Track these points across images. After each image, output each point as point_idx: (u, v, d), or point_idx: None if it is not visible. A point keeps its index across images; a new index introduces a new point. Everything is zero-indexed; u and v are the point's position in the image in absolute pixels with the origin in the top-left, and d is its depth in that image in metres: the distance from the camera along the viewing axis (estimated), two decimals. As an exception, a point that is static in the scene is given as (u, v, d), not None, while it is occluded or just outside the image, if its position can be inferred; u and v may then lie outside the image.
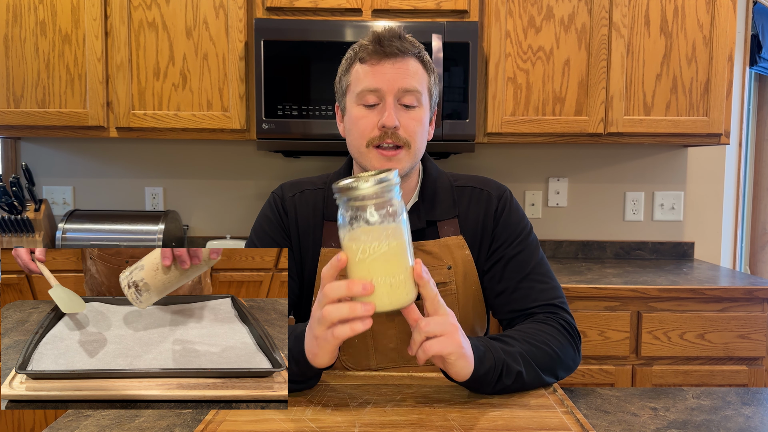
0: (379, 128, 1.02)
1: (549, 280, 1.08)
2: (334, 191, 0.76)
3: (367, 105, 1.04)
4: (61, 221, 2.26)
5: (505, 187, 1.16)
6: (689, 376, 1.88)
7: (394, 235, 0.76)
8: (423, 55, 1.07)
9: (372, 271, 0.75)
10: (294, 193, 1.15)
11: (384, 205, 0.75)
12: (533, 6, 2.10)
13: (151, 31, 2.09)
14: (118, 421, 0.82)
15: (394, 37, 1.03)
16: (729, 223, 2.63)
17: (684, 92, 2.13)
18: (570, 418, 0.81)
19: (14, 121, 2.10)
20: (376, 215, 0.75)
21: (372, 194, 0.74)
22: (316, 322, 0.79)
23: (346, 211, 0.76)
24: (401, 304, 0.77)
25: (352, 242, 0.75)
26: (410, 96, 1.03)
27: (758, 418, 0.86)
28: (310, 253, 1.12)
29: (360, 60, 1.05)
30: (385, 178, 0.75)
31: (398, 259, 0.76)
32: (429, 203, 1.11)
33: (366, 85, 1.03)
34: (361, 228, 0.75)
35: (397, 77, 1.02)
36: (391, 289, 0.76)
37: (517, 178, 2.50)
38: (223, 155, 2.49)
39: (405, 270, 0.77)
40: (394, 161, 1.03)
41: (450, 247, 1.09)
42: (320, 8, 2.09)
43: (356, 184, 0.74)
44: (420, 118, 1.05)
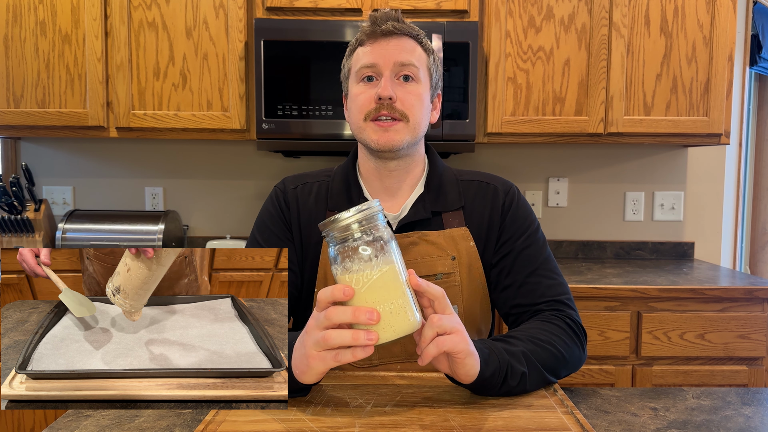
0: (375, 101, 1.03)
1: (556, 276, 1.08)
2: (321, 228, 0.77)
3: (365, 81, 1.05)
4: (61, 221, 2.26)
5: (511, 183, 1.16)
6: (689, 376, 1.88)
7: (385, 261, 0.75)
8: (421, 38, 1.08)
9: (368, 301, 0.74)
10: (296, 185, 1.15)
11: (370, 232, 0.76)
12: (533, 6, 2.10)
13: (151, 31, 2.09)
14: (118, 421, 0.81)
15: (389, 17, 1.05)
16: (729, 223, 2.63)
17: (684, 92, 2.13)
18: (570, 418, 0.81)
19: (14, 121, 2.10)
20: (363, 244, 0.75)
21: (355, 222, 0.75)
22: (313, 343, 0.77)
23: (334, 245, 0.76)
24: (404, 332, 0.76)
25: (344, 275, 0.75)
26: (407, 69, 1.04)
27: (758, 418, 0.86)
28: (312, 244, 1.11)
29: (360, 43, 1.07)
30: (367, 206, 0.76)
31: (393, 284, 0.76)
32: (434, 194, 1.12)
33: (363, 62, 1.05)
34: (350, 259, 0.75)
35: (393, 52, 1.04)
36: (392, 316, 0.75)
37: (517, 178, 2.50)
38: (223, 155, 2.49)
39: (402, 295, 0.76)
40: (391, 132, 1.03)
41: (455, 238, 1.09)
42: (320, 8, 2.09)
43: (339, 216, 0.75)
44: (418, 92, 1.06)
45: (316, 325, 0.77)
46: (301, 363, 0.80)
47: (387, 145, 1.03)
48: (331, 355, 0.76)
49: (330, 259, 0.78)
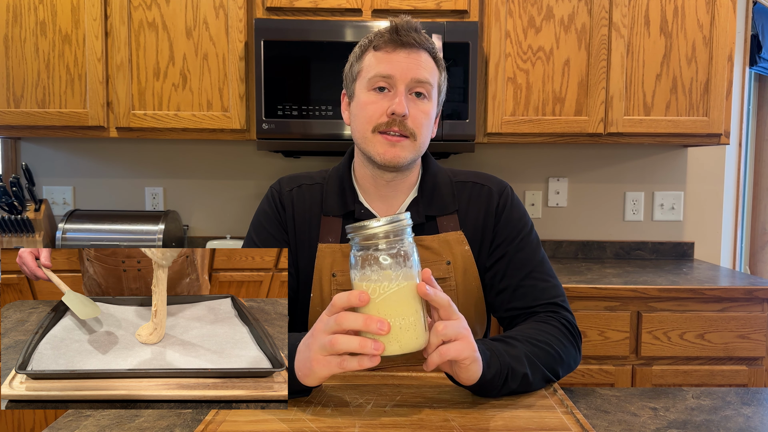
0: (387, 115, 1.02)
1: (550, 278, 1.08)
2: (347, 231, 0.77)
3: (377, 91, 1.04)
4: (61, 221, 2.26)
5: (505, 183, 1.16)
6: (689, 376, 1.88)
7: (405, 276, 0.76)
8: (436, 52, 1.07)
9: (381, 312, 0.75)
10: (291, 187, 1.15)
11: (395, 245, 0.76)
12: (533, 6, 2.10)
13: (151, 31, 2.09)
14: (118, 421, 0.81)
15: (411, 29, 1.03)
16: (729, 223, 2.63)
17: (684, 92, 2.13)
18: (570, 418, 0.81)
19: (14, 121, 2.10)
20: (387, 255, 0.76)
21: (383, 234, 0.75)
22: (319, 347, 0.76)
23: (357, 250, 0.77)
24: (410, 349, 0.76)
25: (362, 282, 0.76)
26: (421, 87, 1.03)
27: (758, 418, 0.86)
28: (306, 249, 1.11)
29: (374, 47, 1.05)
30: (398, 218, 0.76)
31: (408, 301, 0.76)
32: (428, 198, 1.11)
33: (379, 70, 1.03)
34: (371, 268, 0.75)
35: (411, 67, 1.02)
36: (401, 332, 0.75)
37: (517, 178, 2.50)
38: (223, 155, 2.49)
39: (415, 313, 0.76)
40: (398, 148, 1.02)
41: (450, 242, 1.09)
42: (320, 8, 2.09)
43: (368, 223, 0.75)
44: (428, 111, 1.05)
45: (324, 328, 0.76)
46: (304, 366, 0.80)
47: (393, 161, 1.03)
48: (336, 360, 0.75)
49: (350, 264, 0.78)
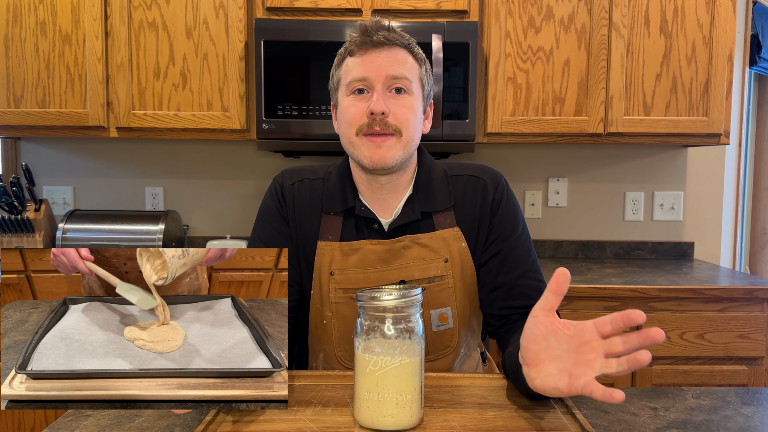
0: (367, 115, 1.01)
1: (542, 277, 1.10)
2: (357, 298, 0.77)
3: (356, 94, 1.03)
4: (61, 221, 2.26)
5: (500, 175, 1.15)
6: (689, 376, 1.88)
7: (408, 352, 0.76)
8: (413, 47, 1.06)
9: (380, 385, 0.75)
10: (294, 181, 1.15)
11: (402, 320, 0.76)
12: (533, 6, 2.10)
13: (151, 31, 2.09)
14: (118, 421, 0.82)
15: (381, 27, 1.03)
16: (729, 223, 2.63)
17: (684, 92, 2.13)
18: (570, 418, 0.81)
19: (14, 121, 2.10)
20: (393, 329, 0.75)
21: (392, 307, 0.75)
22: None
23: (364, 319, 0.77)
24: (403, 426, 0.76)
25: (365, 352, 0.76)
26: (399, 83, 1.02)
27: (758, 418, 0.86)
28: (307, 244, 1.11)
29: (349, 53, 1.05)
30: (409, 293, 0.76)
31: (408, 377, 0.76)
32: (423, 193, 1.10)
33: (355, 74, 1.03)
34: (376, 339, 0.76)
35: (384, 65, 1.02)
36: (397, 408, 0.75)
37: (517, 178, 2.50)
38: (223, 155, 2.49)
39: (413, 390, 0.76)
40: (384, 148, 1.01)
41: (446, 239, 1.09)
42: (320, 8, 2.09)
43: (379, 295, 0.75)
44: (411, 105, 1.04)
45: None
46: None
47: (380, 163, 1.02)
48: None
49: (355, 332, 0.78)
